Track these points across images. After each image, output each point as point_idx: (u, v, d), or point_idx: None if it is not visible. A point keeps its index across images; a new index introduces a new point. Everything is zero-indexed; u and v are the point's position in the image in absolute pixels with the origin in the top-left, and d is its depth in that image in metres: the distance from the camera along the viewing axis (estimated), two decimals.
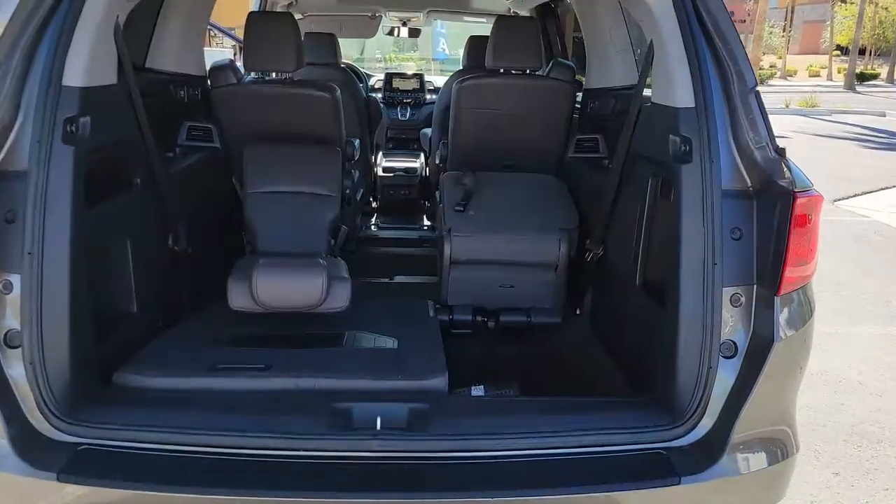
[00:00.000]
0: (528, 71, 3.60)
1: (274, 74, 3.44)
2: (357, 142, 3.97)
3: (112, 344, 2.28)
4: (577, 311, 3.12)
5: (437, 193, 4.57)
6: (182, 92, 3.29)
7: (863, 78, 34.40)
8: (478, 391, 3.09)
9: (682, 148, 2.09)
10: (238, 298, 2.52)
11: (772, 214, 1.96)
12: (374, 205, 5.51)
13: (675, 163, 2.12)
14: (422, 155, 5.57)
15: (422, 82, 6.03)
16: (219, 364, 2.25)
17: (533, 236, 2.93)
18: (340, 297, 2.57)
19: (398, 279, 3.70)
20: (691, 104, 2.08)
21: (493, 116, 3.63)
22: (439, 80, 6.40)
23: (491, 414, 2.05)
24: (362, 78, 5.85)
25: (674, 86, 2.15)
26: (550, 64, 3.64)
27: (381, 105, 5.69)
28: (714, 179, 2.00)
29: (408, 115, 5.96)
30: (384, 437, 1.93)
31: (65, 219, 1.97)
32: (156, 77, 3.20)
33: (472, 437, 1.95)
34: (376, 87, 6.19)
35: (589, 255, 2.88)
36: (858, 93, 29.37)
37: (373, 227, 4.98)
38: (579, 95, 3.74)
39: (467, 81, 3.56)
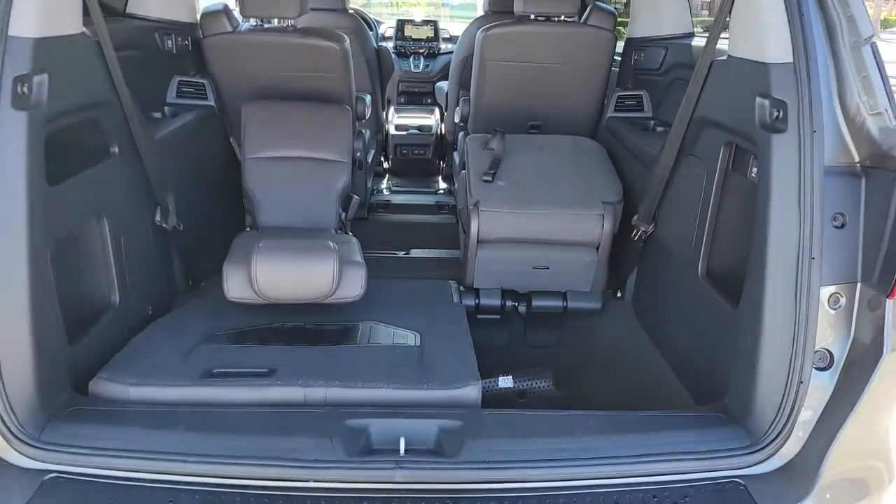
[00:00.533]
0: (562, 17, 3.16)
1: (275, 21, 3.01)
2: (368, 98, 3.56)
3: (89, 344, 1.95)
4: (618, 295, 2.77)
5: (456, 155, 4.18)
6: (170, 42, 2.87)
7: None
8: (506, 382, 2.78)
9: (774, 114, 1.70)
10: (236, 288, 2.17)
11: (885, 197, 1.59)
12: (385, 165, 5.11)
13: (764, 131, 1.73)
14: (437, 110, 5.13)
15: (436, 30, 5.52)
16: (213, 369, 1.93)
17: (573, 211, 2.55)
18: (354, 286, 2.22)
19: (414, 253, 3.34)
20: (787, 59, 1.68)
21: (523, 70, 3.21)
22: (453, 28, 5.90)
23: (535, 433, 1.72)
24: (372, 25, 5.35)
25: (764, 35, 1.74)
26: (588, 9, 3.19)
27: (393, 55, 5.23)
28: (815, 154, 1.62)
29: (421, 66, 5.47)
30: (409, 464, 1.61)
31: (19, 200, 1.62)
32: (138, 24, 2.79)
33: (515, 465, 1.62)
34: (386, 35, 5.69)
35: (636, 233, 2.51)
36: None
37: (384, 191, 4.59)
38: (619, 45, 3.30)
39: (494, 29, 3.13)
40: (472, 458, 1.63)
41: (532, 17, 3.14)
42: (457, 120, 3.64)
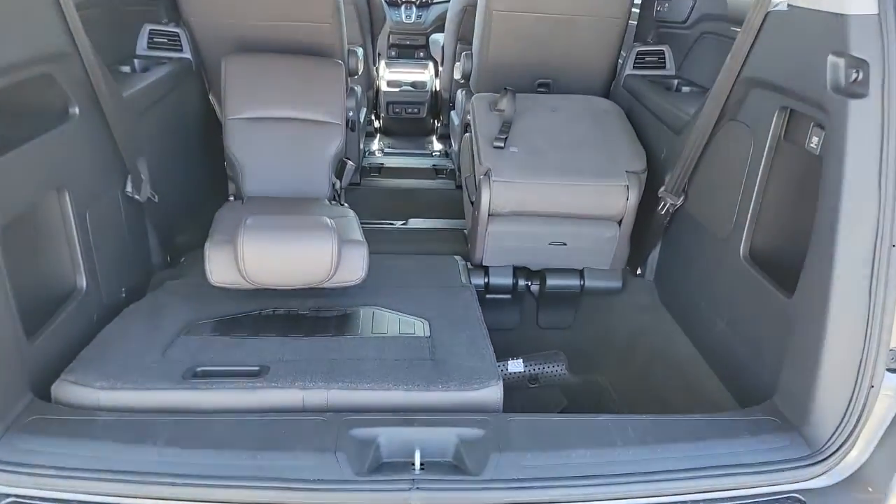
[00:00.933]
0: None
1: None
2: (360, 51, 3.25)
3: (51, 338, 1.70)
4: (638, 272, 2.55)
5: (454, 114, 3.89)
6: None
7: None
8: (516, 366, 2.58)
9: (852, 75, 1.44)
10: (220, 272, 1.91)
11: None
12: (375, 125, 4.79)
13: (837, 96, 1.48)
14: (431, 65, 4.79)
15: None
16: (196, 367, 1.69)
17: (594, 182, 2.30)
18: (354, 269, 1.97)
19: (413, 223, 3.08)
20: (872, 9, 1.43)
21: (532, 21, 2.91)
22: None
23: (568, 443, 1.50)
24: None
25: None
26: None
27: (384, 4, 4.85)
28: None
29: (413, 16, 5.08)
30: (427, 484, 1.39)
31: None
32: None
33: (549, 483, 1.41)
34: None
35: (663, 206, 2.27)
36: None
37: (376, 153, 4.29)
38: None
39: None
40: (500, 475, 1.42)
41: None
42: (457, 76, 3.33)
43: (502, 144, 2.35)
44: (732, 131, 1.99)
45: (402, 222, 3.10)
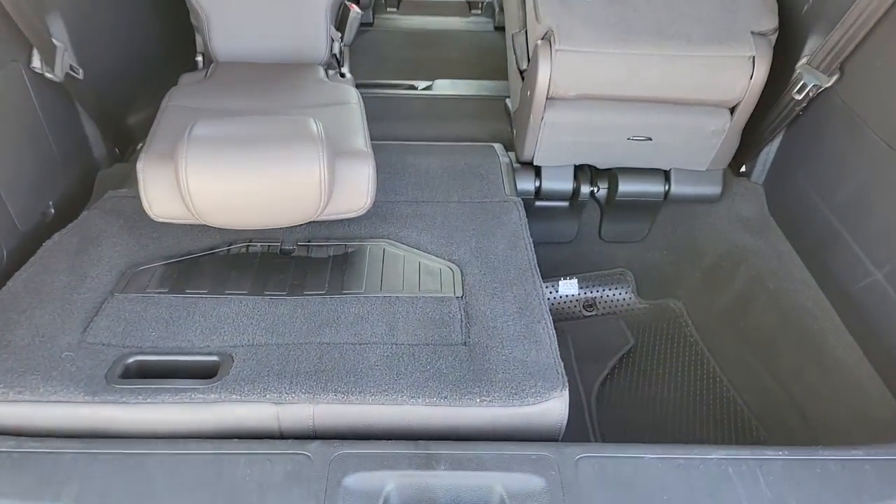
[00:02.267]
0: None
1: None
2: None
3: None
4: (742, 170, 1.90)
5: None
6: None
7: None
8: (569, 288, 2.04)
9: None
10: (160, 203, 1.33)
11: None
12: None
13: None
14: None
15: None
16: (127, 358, 1.18)
17: (707, 49, 1.57)
18: (356, 195, 1.37)
19: (439, 87, 2.38)
20: None
21: None
22: None
23: (664, 497, 1.01)
24: None
25: None
26: None
27: None
28: None
29: None
30: None
31: None
32: None
33: None
34: None
35: (800, 86, 1.56)
36: None
37: None
38: None
39: None
40: None
41: None
42: None
43: None
44: None
45: (425, 85, 2.40)
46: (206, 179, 1.25)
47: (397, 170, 1.73)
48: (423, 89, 2.38)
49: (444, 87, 2.38)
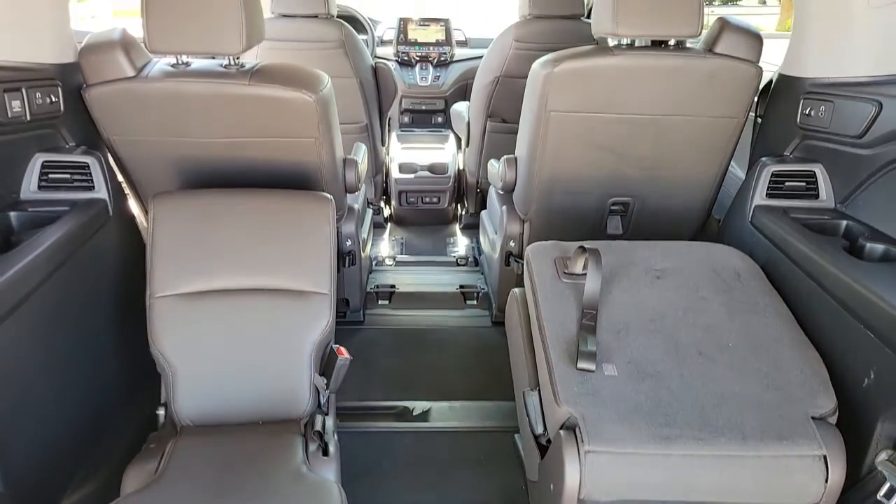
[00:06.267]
0: (675, 42, 1.96)
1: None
2: (363, 152, 2.38)
3: None
4: None
5: (485, 216, 3.00)
6: (18, 102, 1.66)
7: None
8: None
9: None
10: None
11: None
12: (386, 212, 3.90)
13: None
14: (451, 136, 3.89)
15: (448, 32, 4.22)
16: None
17: (762, 448, 1.31)
18: None
19: (437, 414, 2.15)
20: None
21: (608, 124, 2.01)
22: (469, 28, 4.59)
23: None
24: (367, 28, 4.09)
25: None
26: (717, 29, 1.96)
27: (394, 66, 3.98)
28: None
29: (430, 77, 4.13)
30: None
31: None
32: None
33: None
34: (385, 38, 4.39)
35: (890, 492, 1.31)
36: None
37: (386, 261, 3.37)
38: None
39: (564, 64, 1.92)
40: None
41: (626, 42, 1.94)
42: (499, 187, 2.43)
43: (593, 366, 1.42)
44: None
45: (421, 410, 2.18)
46: None
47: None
48: (418, 416, 2.14)
49: (442, 412, 2.16)
